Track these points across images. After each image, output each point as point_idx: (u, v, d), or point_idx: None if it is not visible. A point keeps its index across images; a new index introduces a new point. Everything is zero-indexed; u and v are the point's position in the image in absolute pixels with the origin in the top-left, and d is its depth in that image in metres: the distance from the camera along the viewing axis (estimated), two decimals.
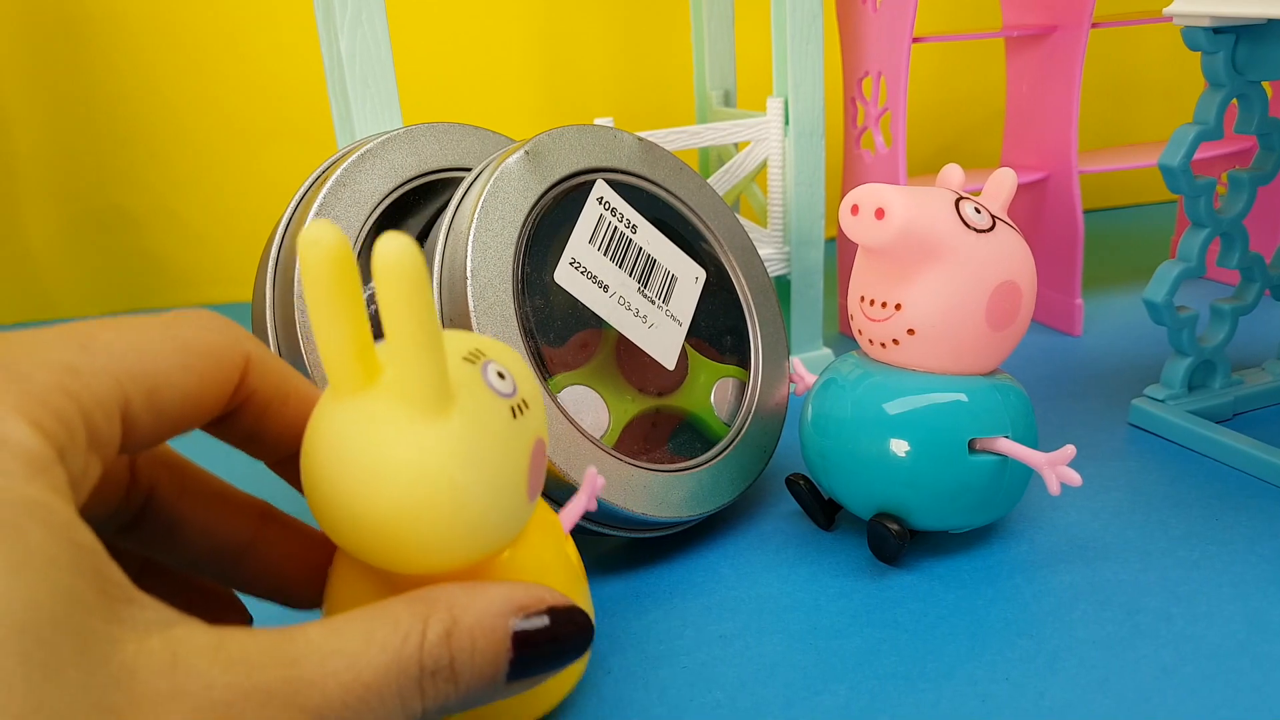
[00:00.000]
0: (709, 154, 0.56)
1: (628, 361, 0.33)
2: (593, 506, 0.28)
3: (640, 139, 0.35)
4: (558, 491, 0.30)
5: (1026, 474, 0.31)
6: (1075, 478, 0.28)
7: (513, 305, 0.30)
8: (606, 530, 0.31)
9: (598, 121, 0.43)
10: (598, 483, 0.28)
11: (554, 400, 0.30)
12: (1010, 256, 0.29)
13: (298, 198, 0.33)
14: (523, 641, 0.20)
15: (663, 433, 0.33)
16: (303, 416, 0.22)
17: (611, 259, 0.32)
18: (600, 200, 0.33)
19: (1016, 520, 0.34)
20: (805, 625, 0.29)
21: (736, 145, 0.51)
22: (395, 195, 0.32)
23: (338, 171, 0.31)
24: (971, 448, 0.30)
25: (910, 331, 0.29)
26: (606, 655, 0.28)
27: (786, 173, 0.46)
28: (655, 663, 0.27)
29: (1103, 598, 0.29)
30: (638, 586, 0.31)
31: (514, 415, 0.21)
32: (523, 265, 0.30)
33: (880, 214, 0.28)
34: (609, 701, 0.26)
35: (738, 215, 0.39)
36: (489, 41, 0.70)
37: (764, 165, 0.46)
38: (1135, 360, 0.48)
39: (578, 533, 0.33)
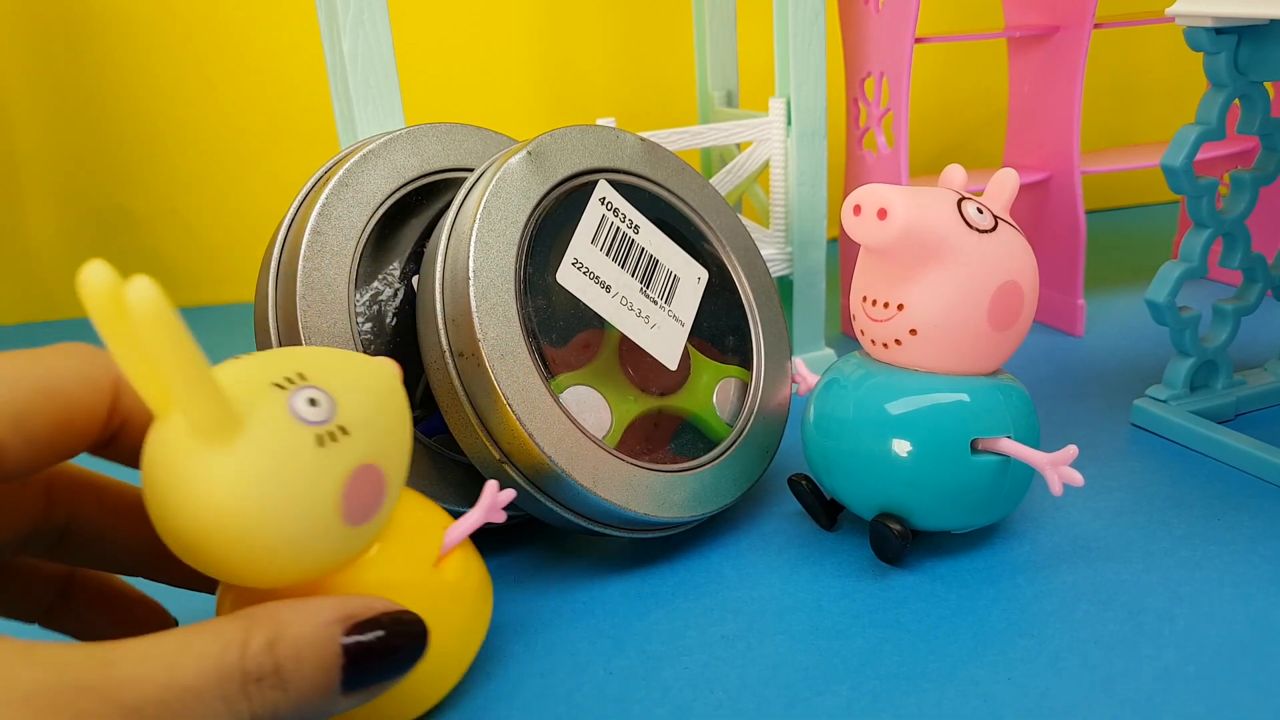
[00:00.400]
0: (711, 154, 0.56)
1: (630, 362, 0.33)
2: (498, 518, 0.27)
3: (642, 139, 0.35)
4: (563, 494, 0.30)
5: (1029, 474, 0.31)
6: (1077, 478, 0.28)
7: (515, 305, 0.30)
8: (609, 531, 0.31)
9: (600, 122, 0.43)
10: (499, 497, 0.27)
11: (556, 401, 0.30)
12: (1012, 256, 0.29)
13: (300, 198, 0.33)
14: (354, 651, 0.21)
15: (665, 433, 0.33)
16: None
17: (614, 259, 0.32)
18: (602, 200, 0.33)
19: (1018, 520, 0.34)
20: (807, 626, 0.29)
21: (739, 145, 0.51)
22: (398, 195, 0.32)
23: (340, 172, 0.31)
24: (974, 448, 0.30)
25: (913, 332, 0.29)
26: (609, 656, 0.28)
27: (789, 173, 0.46)
28: (658, 663, 0.27)
29: (1105, 598, 0.29)
30: (640, 587, 0.31)
31: (320, 443, 0.21)
32: (525, 265, 0.31)
33: (883, 214, 0.28)
34: (611, 701, 0.26)
35: (740, 215, 0.39)
36: (491, 42, 0.70)
37: (766, 165, 0.46)
38: (1137, 360, 0.48)
39: (580, 533, 0.33)
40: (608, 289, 0.32)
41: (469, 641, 0.26)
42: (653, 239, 0.34)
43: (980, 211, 0.29)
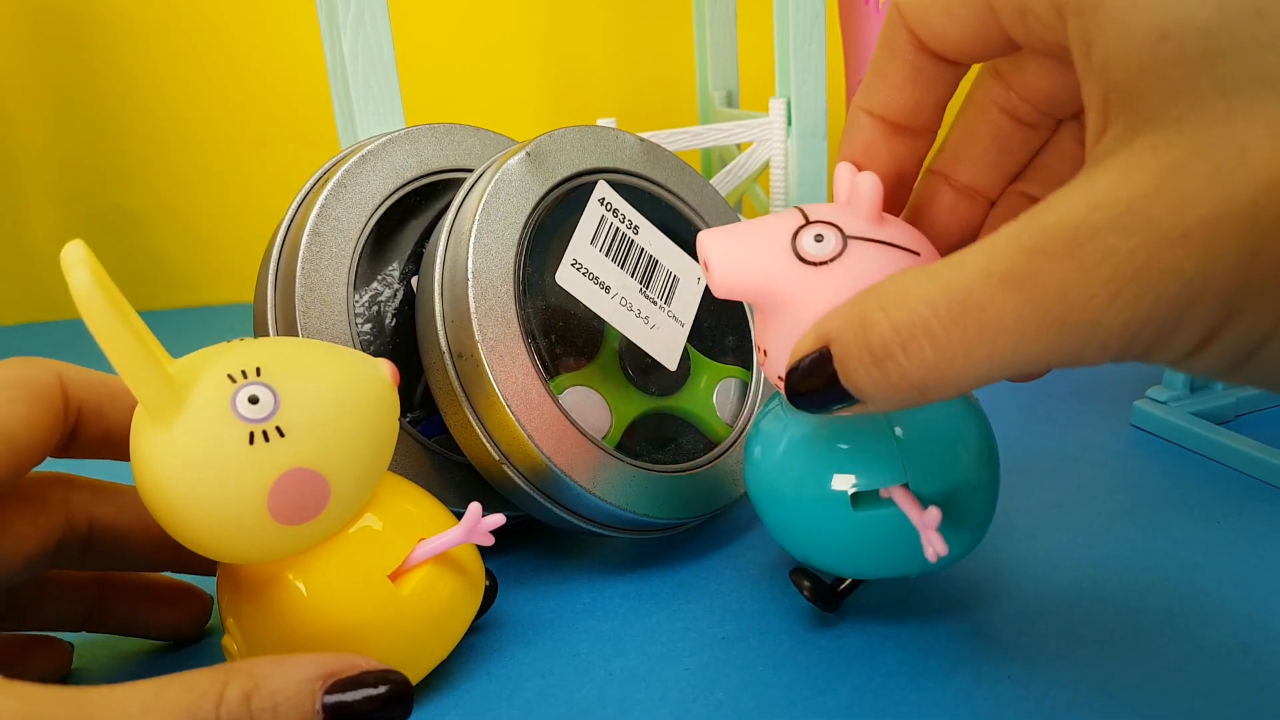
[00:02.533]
0: (711, 155, 0.56)
1: (630, 362, 0.33)
2: (484, 541, 0.26)
3: (641, 139, 0.35)
4: (562, 495, 0.30)
5: (983, 510, 0.28)
6: (941, 547, 0.24)
7: (514, 307, 0.30)
8: (608, 532, 0.31)
9: (600, 122, 0.43)
10: (484, 522, 0.26)
11: (555, 402, 0.30)
12: (871, 279, 0.22)
13: (299, 199, 0.33)
14: (333, 710, 0.21)
15: (665, 434, 0.33)
16: (130, 410, 0.25)
17: (613, 260, 0.32)
18: (602, 201, 0.33)
19: (1019, 520, 0.34)
20: (808, 625, 0.29)
21: (739, 146, 0.51)
22: (396, 196, 0.33)
23: (339, 173, 0.32)
24: (870, 498, 0.26)
25: (780, 378, 0.24)
26: (610, 657, 0.28)
27: (789, 173, 0.46)
28: (658, 663, 0.28)
29: (1105, 597, 0.29)
30: (640, 588, 0.31)
31: (252, 440, 0.22)
32: (524, 267, 0.31)
33: (705, 267, 0.25)
34: (612, 702, 0.26)
35: (740, 216, 0.39)
36: (491, 42, 0.70)
37: (766, 166, 0.46)
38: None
39: (580, 534, 0.33)
40: (607, 290, 0.32)
41: (418, 657, 0.26)
42: (652, 239, 0.34)
43: (820, 239, 0.24)
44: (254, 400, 0.22)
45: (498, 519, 0.26)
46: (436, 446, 0.32)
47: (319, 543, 0.24)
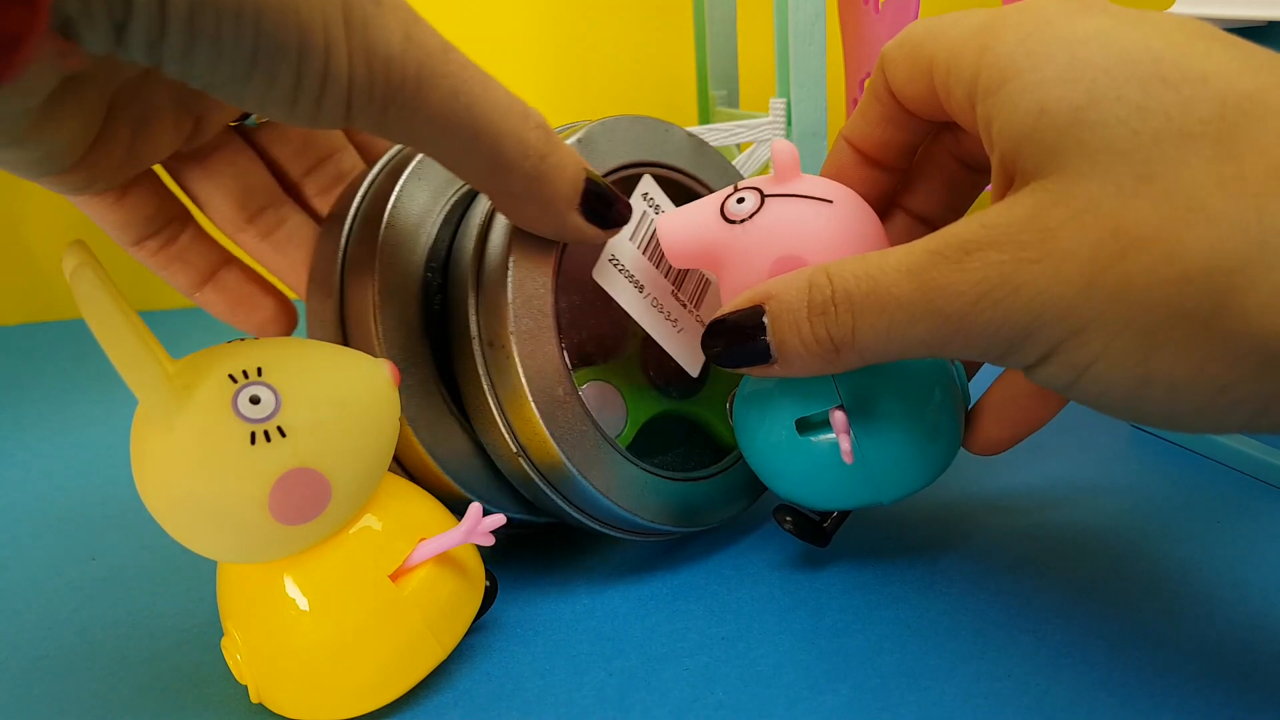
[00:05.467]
0: None
1: (651, 363, 0.33)
2: (484, 541, 0.26)
3: (690, 134, 0.34)
4: (575, 495, 0.30)
5: (935, 431, 0.29)
6: (847, 446, 0.27)
7: (550, 299, 0.29)
8: (614, 533, 0.31)
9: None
10: (485, 522, 0.26)
11: (579, 402, 0.29)
12: (785, 229, 0.27)
13: (380, 166, 0.32)
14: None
15: (675, 437, 0.33)
16: None
17: (649, 258, 0.31)
18: (645, 196, 0.32)
19: (1019, 520, 0.34)
20: (808, 625, 0.29)
21: (739, 146, 0.51)
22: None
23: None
24: (809, 425, 0.29)
25: (724, 306, 0.28)
26: (610, 657, 0.28)
27: None
28: (658, 664, 0.28)
29: (1105, 597, 0.29)
30: (640, 588, 0.31)
31: (253, 440, 0.22)
32: (562, 258, 0.30)
33: (660, 241, 0.29)
34: (612, 702, 0.26)
35: None
36: (491, 42, 0.70)
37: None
38: None
39: (587, 534, 0.33)
40: (641, 289, 0.31)
41: (418, 657, 0.26)
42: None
43: (741, 200, 0.28)
44: (255, 400, 0.22)
45: (498, 519, 0.26)
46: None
47: (319, 543, 0.24)
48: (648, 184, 0.32)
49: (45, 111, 0.20)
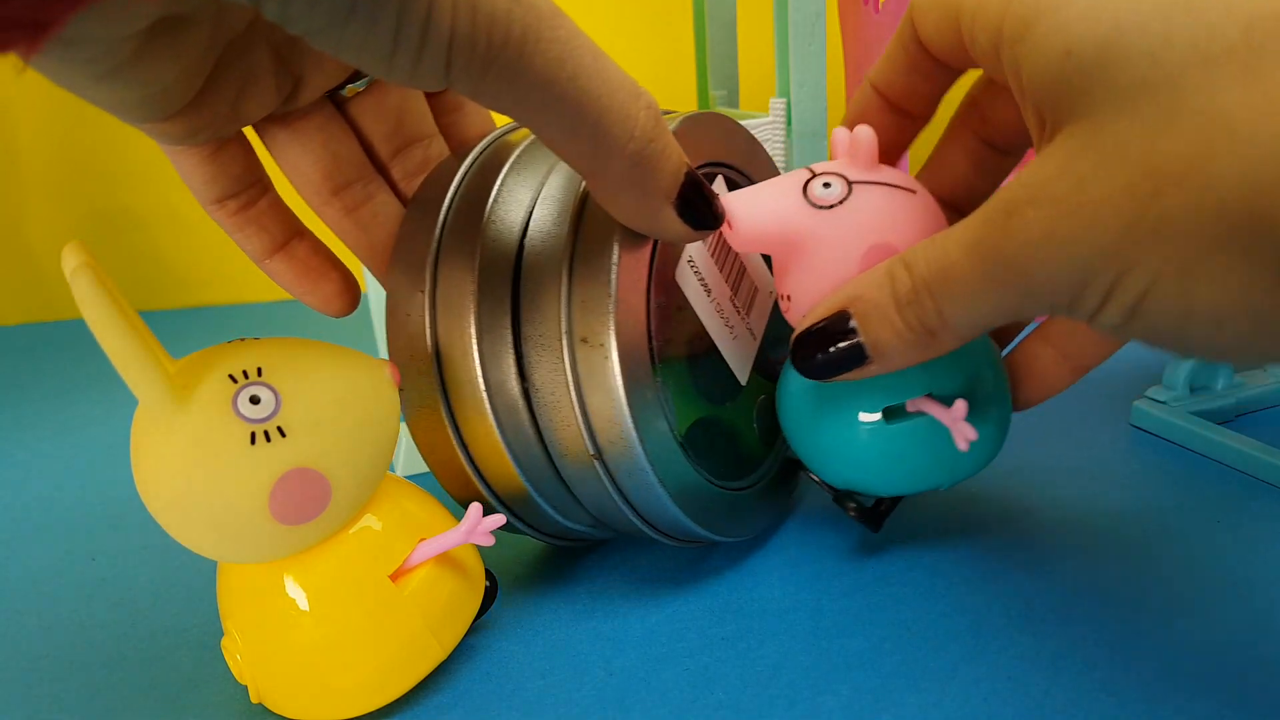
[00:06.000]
0: None
1: (699, 366, 0.31)
2: (484, 541, 0.26)
3: (750, 133, 0.33)
4: (644, 500, 0.28)
5: (997, 421, 0.30)
6: (970, 433, 0.28)
7: (645, 299, 0.27)
8: (659, 537, 0.30)
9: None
10: (485, 521, 0.26)
11: (664, 408, 0.28)
12: (876, 218, 0.27)
13: (475, 155, 0.30)
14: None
15: (703, 445, 0.31)
16: None
17: (716, 261, 0.31)
18: None
19: (1018, 519, 0.34)
20: (808, 625, 0.29)
21: None
22: None
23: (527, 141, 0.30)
24: (897, 412, 0.29)
25: (802, 320, 0.28)
26: (609, 657, 0.28)
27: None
28: (658, 664, 0.28)
29: (1105, 597, 0.29)
30: (640, 588, 0.31)
31: (253, 440, 0.22)
32: (655, 258, 0.28)
33: (729, 224, 0.27)
34: (611, 703, 0.26)
35: None
36: None
37: None
38: (1137, 361, 0.48)
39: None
40: (709, 292, 0.30)
41: (418, 657, 0.26)
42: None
43: (828, 185, 0.27)
44: (255, 400, 0.22)
45: (498, 519, 0.26)
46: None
47: (319, 543, 0.24)
48: (720, 186, 0.31)
49: (145, 48, 0.20)
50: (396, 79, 0.19)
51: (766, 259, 0.34)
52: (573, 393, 0.27)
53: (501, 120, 0.30)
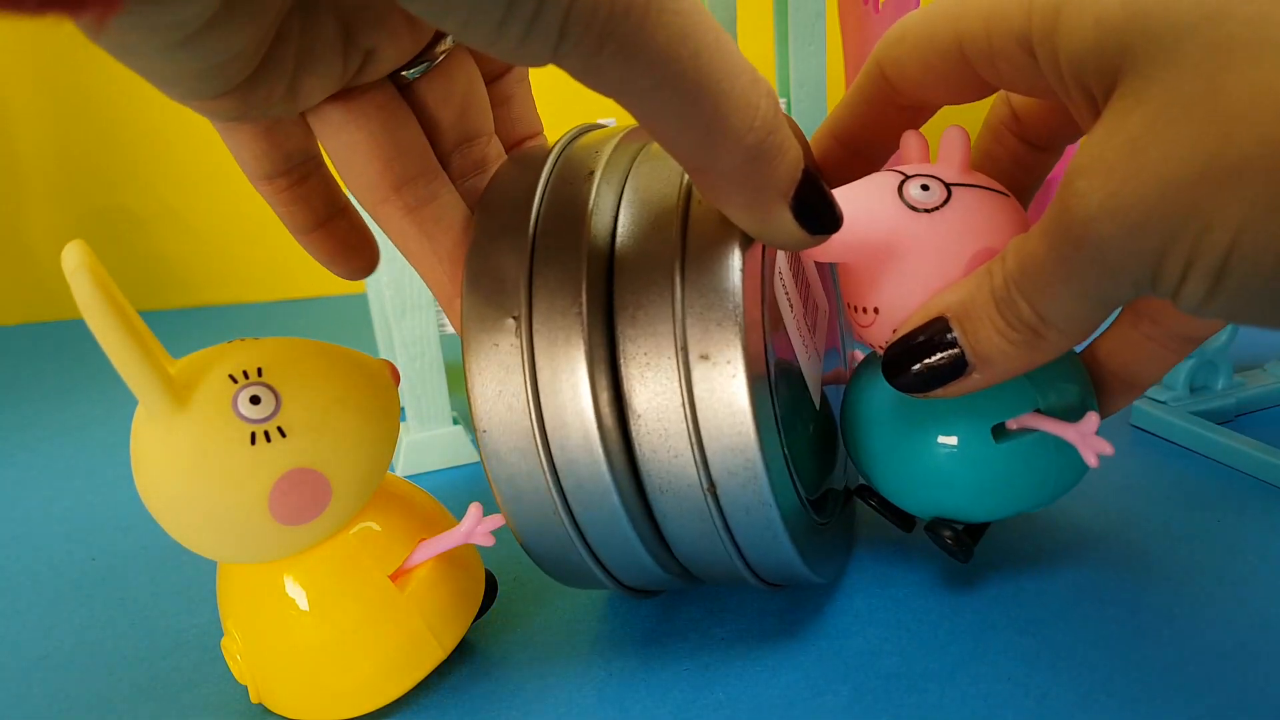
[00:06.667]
0: None
1: (779, 390, 0.27)
2: (485, 542, 0.26)
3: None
4: (753, 543, 0.25)
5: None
6: (1106, 447, 0.26)
7: (763, 314, 0.25)
8: (757, 583, 0.27)
9: (601, 122, 0.43)
10: (485, 522, 0.26)
11: (780, 432, 0.25)
12: (981, 221, 0.26)
13: (551, 165, 0.27)
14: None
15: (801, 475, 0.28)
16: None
17: (794, 277, 0.28)
18: None
19: (1019, 520, 0.34)
20: (808, 626, 0.29)
21: None
22: None
23: None
24: (1002, 431, 0.27)
25: (895, 332, 0.26)
26: (610, 658, 0.28)
27: None
28: (658, 665, 0.28)
29: (1105, 597, 0.29)
30: None
31: (253, 441, 0.22)
32: (765, 268, 0.26)
33: None
34: (612, 703, 0.26)
35: None
36: None
37: None
38: None
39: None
40: (791, 308, 0.28)
41: (418, 657, 0.26)
42: (809, 262, 0.29)
43: (925, 188, 0.26)
44: (255, 400, 0.22)
45: (497, 519, 0.26)
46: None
47: (319, 543, 0.24)
48: None
49: (227, 7, 0.18)
50: (499, 51, 0.17)
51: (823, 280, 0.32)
52: (687, 416, 0.23)
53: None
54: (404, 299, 0.41)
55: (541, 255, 0.24)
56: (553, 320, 0.24)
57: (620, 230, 0.25)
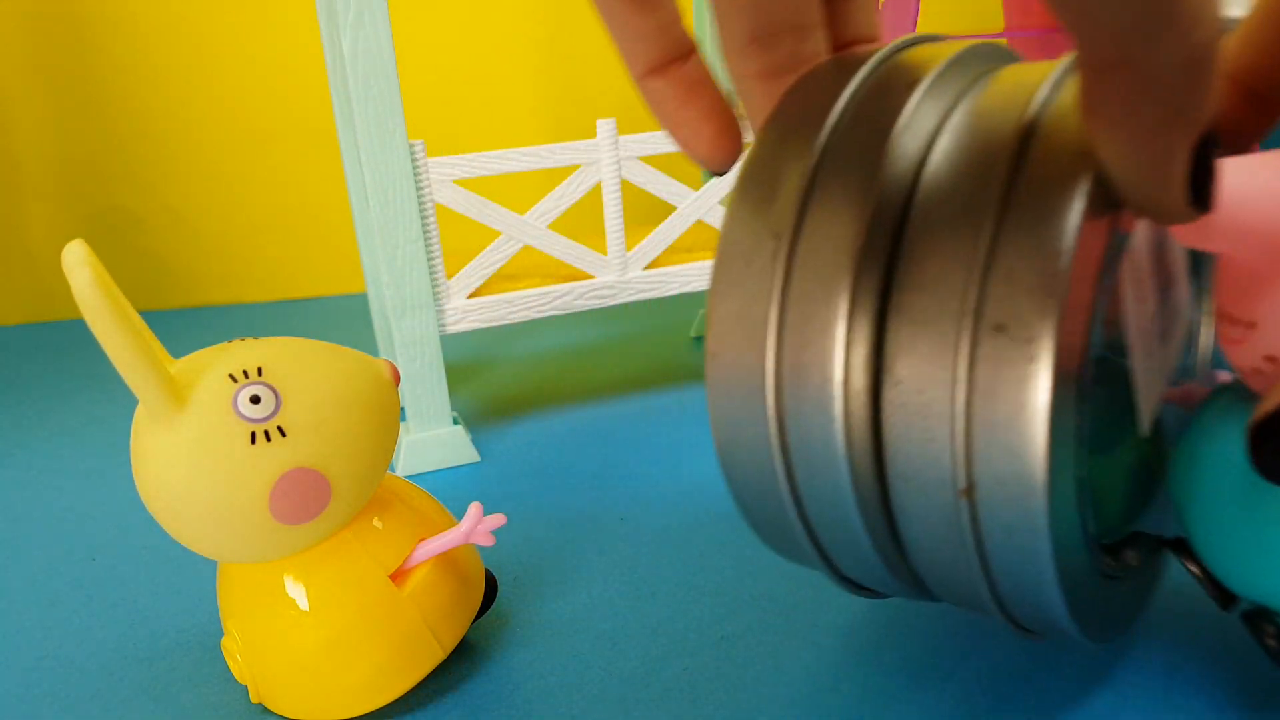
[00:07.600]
0: None
1: (1093, 399, 0.21)
2: (485, 541, 0.26)
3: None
4: (1010, 570, 0.20)
5: None
6: None
7: (1092, 290, 0.19)
8: (1017, 629, 0.22)
9: (600, 123, 0.43)
10: (486, 521, 0.26)
11: (1079, 431, 0.19)
12: None
13: (864, 74, 0.21)
14: None
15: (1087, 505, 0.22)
16: None
17: (1154, 267, 0.22)
18: None
19: None
20: (809, 624, 0.29)
21: None
22: None
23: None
24: None
25: (1269, 359, 0.20)
26: (610, 657, 0.28)
27: None
28: (659, 663, 0.28)
29: None
30: (640, 587, 0.31)
31: (253, 440, 0.22)
32: (1113, 237, 0.20)
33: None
34: (613, 702, 0.26)
35: None
36: (491, 42, 0.70)
37: None
38: None
39: (583, 530, 0.33)
40: (1139, 301, 0.22)
41: (418, 657, 0.26)
42: (1180, 255, 0.24)
43: None
44: (255, 400, 0.22)
45: (498, 519, 0.26)
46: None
47: (320, 543, 0.24)
48: None
49: None
50: None
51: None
52: (959, 396, 0.18)
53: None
54: (404, 299, 0.41)
55: (828, 170, 0.20)
56: (820, 248, 0.20)
57: (933, 157, 0.20)
